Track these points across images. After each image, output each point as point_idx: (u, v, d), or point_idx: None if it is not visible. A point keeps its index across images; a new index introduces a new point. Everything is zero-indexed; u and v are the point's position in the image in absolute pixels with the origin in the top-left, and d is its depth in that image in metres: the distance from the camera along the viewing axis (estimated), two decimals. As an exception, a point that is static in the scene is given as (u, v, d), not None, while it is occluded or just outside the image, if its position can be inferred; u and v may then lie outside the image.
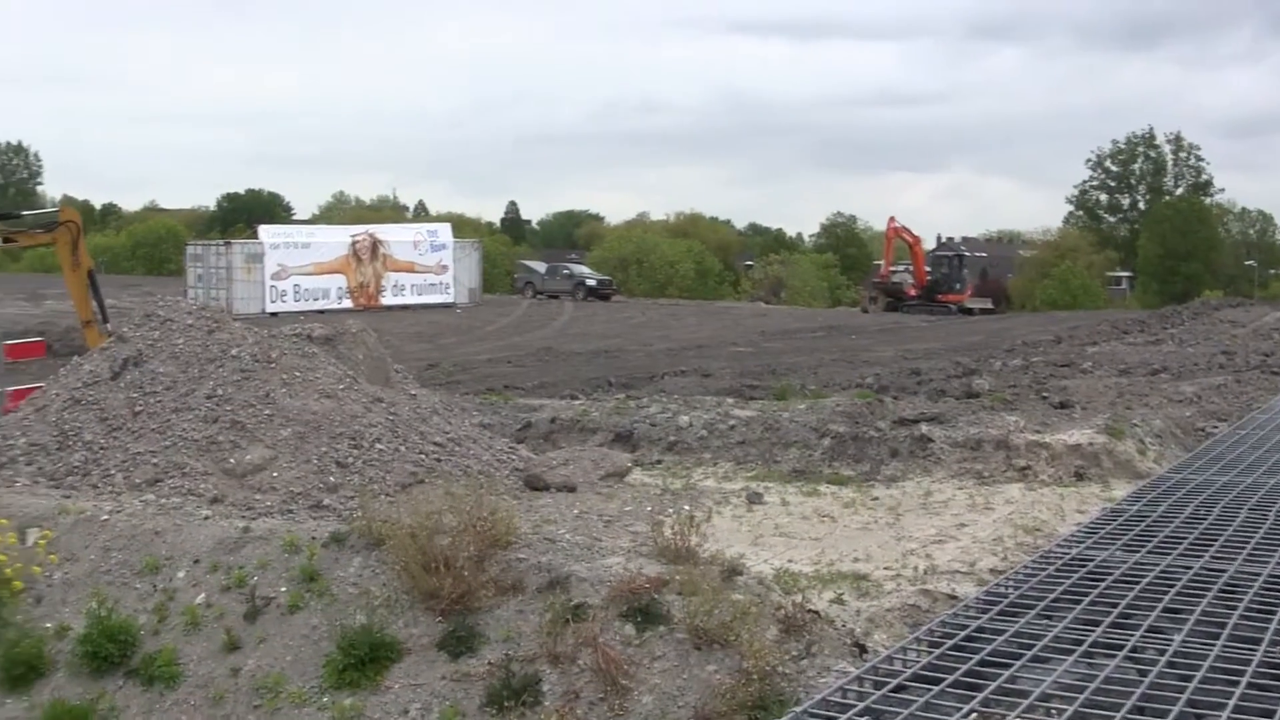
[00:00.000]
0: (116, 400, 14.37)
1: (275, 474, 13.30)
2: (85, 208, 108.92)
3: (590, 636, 9.27)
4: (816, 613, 9.44)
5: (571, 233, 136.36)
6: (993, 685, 8.02)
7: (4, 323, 24.67)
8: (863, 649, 9.07)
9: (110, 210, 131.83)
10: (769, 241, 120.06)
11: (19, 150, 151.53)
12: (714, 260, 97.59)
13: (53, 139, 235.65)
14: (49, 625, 11.09)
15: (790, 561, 11.75)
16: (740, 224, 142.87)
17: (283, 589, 10.66)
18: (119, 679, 10.45)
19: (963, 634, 8.90)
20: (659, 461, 17.27)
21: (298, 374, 14.95)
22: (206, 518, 11.93)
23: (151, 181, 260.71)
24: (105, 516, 12.03)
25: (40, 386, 16.56)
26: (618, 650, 9.12)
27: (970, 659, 8.45)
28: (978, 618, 9.23)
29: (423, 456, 14.34)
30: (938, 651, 8.59)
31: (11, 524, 11.94)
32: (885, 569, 11.51)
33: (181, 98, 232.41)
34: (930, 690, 7.90)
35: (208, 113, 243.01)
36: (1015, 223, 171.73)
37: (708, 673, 8.91)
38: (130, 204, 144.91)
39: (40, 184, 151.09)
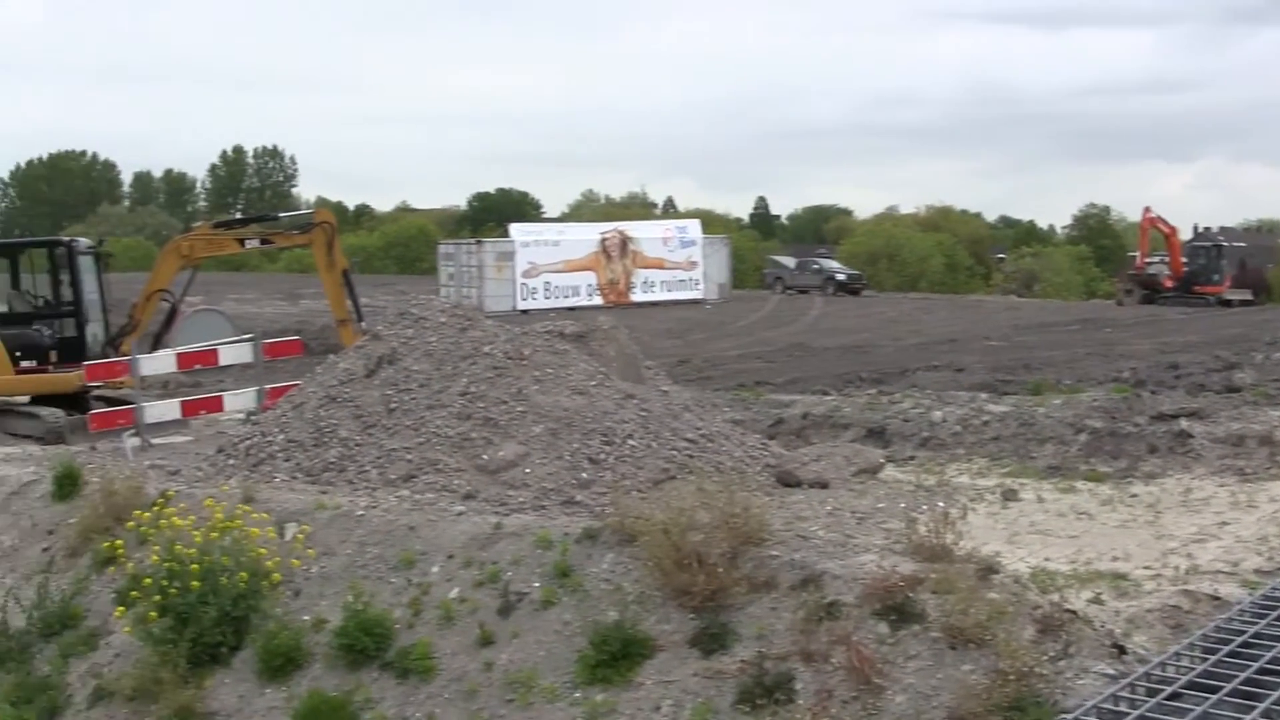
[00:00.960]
0: (371, 398, 15.66)
1: (528, 470, 14.33)
2: (339, 209, 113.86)
3: (844, 635, 9.83)
4: (1074, 612, 9.83)
5: (820, 227, 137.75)
6: (1275, 695, 8.36)
7: (262, 322, 26.60)
8: (1122, 650, 9.43)
9: (363, 211, 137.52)
10: (1020, 234, 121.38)
11: (274, 154, 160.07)
12: (964, 254, 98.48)
13: (307, 142, 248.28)
14: (306, 618, 12.18)
15: (1046, 560, 12.20)
16: (990, 216, 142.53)
17: (535, 584, 11.51)
18: (374, 671, 11.41)
19: (1238, 640, 9.24)
20: (912, 457, 17.84)
21: (550, 371, 15.97)
22: (460, 513, 12.92)
23: (403, 182, 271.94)
24: (361, 512, 13.18)
25: (297, 384, 18.01)
26: (871, 649, 9.66)
27: (1248, 666, 8.81)
28: (1254, 623, 9.55)
29: (674, 453, 15.15)
30: (1213, 658, 8.97)
31: (271, 519, 13.12)
32: (1144, 568, 11.85)
33: (433, 100, 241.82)
34: (1207, 699, 8.31)
35: (458, 114, 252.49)
36: (1275, 211, 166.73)
37: (962, 672, 9.38)
38: (382, 205, 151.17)
39: (295, 186, 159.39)
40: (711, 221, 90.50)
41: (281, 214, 34.90)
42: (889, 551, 11.01)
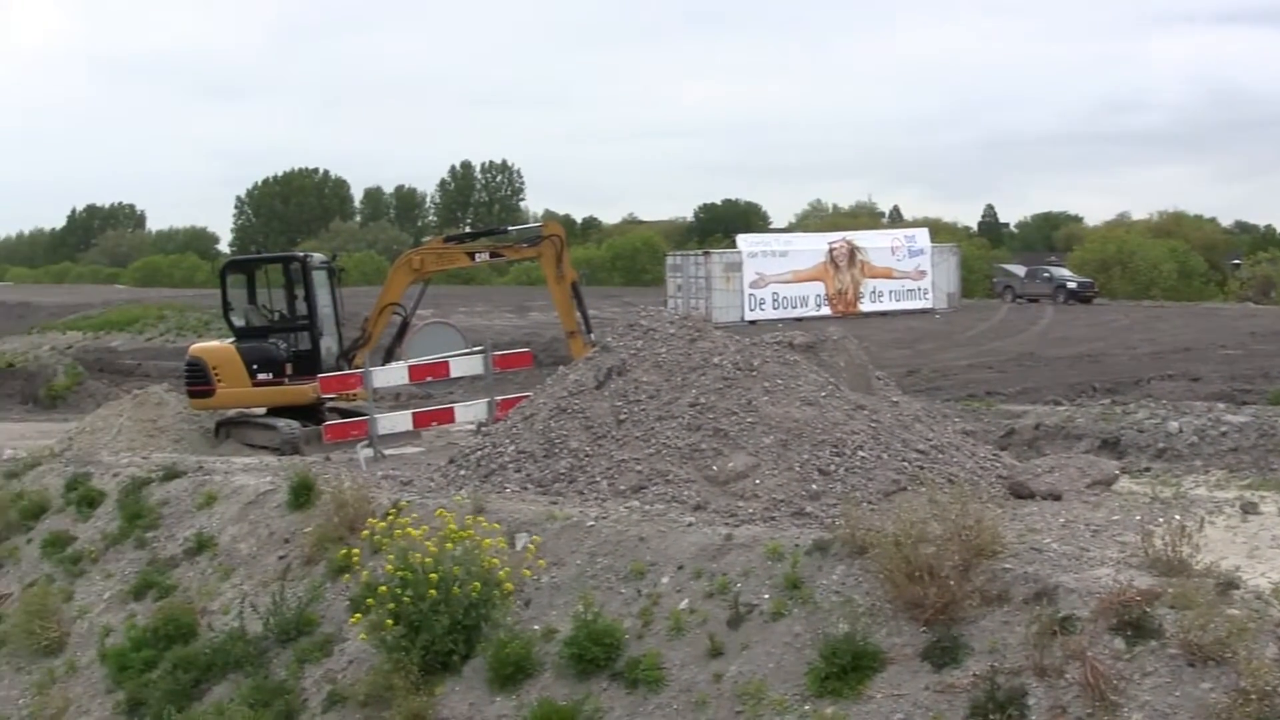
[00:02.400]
0: (601, 409, 15.92)
1: (757, 481, 14.44)
2: (567, 222, 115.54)
3: (1079, 650, 9.66)
4: (1319, 631, 9.54)
5: (1050, 235, 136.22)
6: None
7: (491, 334, 27.13)
8: (1369, 671, 9.13)
9: (591, 224, 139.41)
10: (1257, 239, 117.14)
11: (503, 168, 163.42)
12: (1198, 260, 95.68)
13: (535, 156, 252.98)
14: (537, 627, 12.42)
15: (1288, 576, 11.84)
16: (1225, 221, 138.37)
17: (765, 596, 11.54)
18: (604, 681, 11.54)
19: None
20: (1147, 469, 17.51)
21: (779, 381, 16.06)
22: (690, 524, 13.03)
23: (630, 195, 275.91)
24: (591, 522, 13.40)
25: (527, 396, 18.40)
26: (1107, 665, 9.48)
27: None
28: None
29: (905, 464, 15.13)
30: None
31: (502, 529, 13.44)
32: (1392, 584, 11.42)
33: (661, 112, 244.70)
34: None
35: (685, 126, 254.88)
36: None
37: (1201, 691, 9.14)
38: (610, 217, 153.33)
39: (523, 200, 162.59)
40: (939, 230, 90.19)
41: (511, 228, 35.48)
42: (1125, 565, 10.81)
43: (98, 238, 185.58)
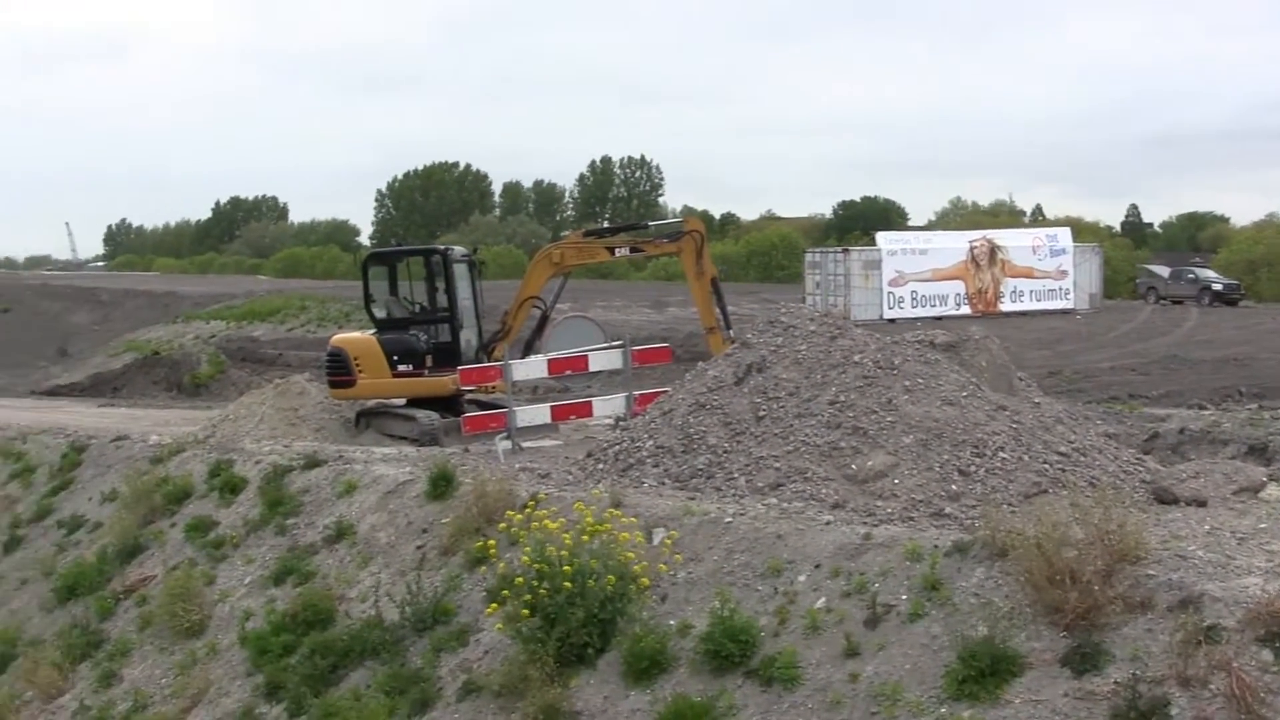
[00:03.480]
0: (740, 405, 15.94)
1: (896, 481, 14.38)
2: (705, 217, 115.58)
3: (1224, 660, 9.48)
4: None
5: (1194, 235, 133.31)
6: None
7: (629, 329, 27.25)
8: None
9: (729, 220, 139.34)
10: None
11: (641, 163, 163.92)
12: None
13: (674, 152, 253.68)
14: (672, 622, 12.46)
15: None
16: None
17: (903, 597, 11.49)
18: (738, 678, 11.56)
19: None
20: (1295, 476, 17.09)
21: (920, 380, 15.97)
22: (828, 523, 13.01)
23: (769, 191, 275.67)
24: (728, 519, 13.43)
25: (665, 391, 18.46)
26: (1253, 676, 9.30)
27: None
28: None
29: (1046, 466, 14.96)
30: None
31: (639, 523, 13.54)
32: None
33: (801, 108, 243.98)
34: None
35: (825, 123, 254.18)
36: None
37: (1354, 707, 9.00)
38: (748, 213, 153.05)
39: (661, 195, 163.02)
40: (1081, 229, 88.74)
41: (650, 223, 35.59)
42: (1273, 574, 10.59)
43: (241, 229, 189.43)
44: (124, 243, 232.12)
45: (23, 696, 18.06)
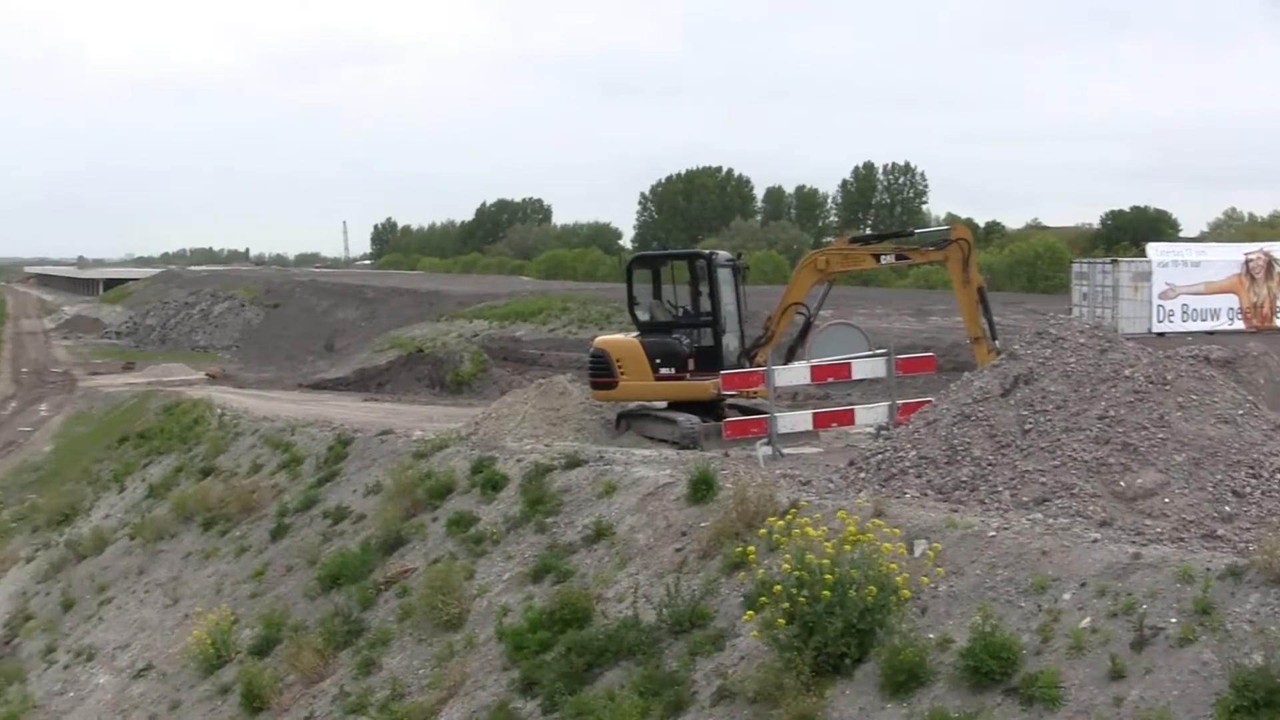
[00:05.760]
0: (1006, 418, 15.77)
1: (1166, 500, 14.06)
2: (969, 225, 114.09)
3: None
4: None
5: None
6: None
7: (890, 337, 27.07)
8: None
9: (994, 228, 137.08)
10: None
11: (905, 170, 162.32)
12: None
13: (938, 158, 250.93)
14: (931, 636, 12.40)
15: None
16: None
17: (1172, 620, 11.23)
18: (998, 695, 11.43)
19: None
20: None
21: (1194, 397, 15.57)
22: (1095, 540, 12.81)
23: (1036, 199, 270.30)
24: (992, 533, 13.32)
25: (929, 401, 18.35)
26: None
27: None
28: None
29: (1329, 489, 14.46)
30: None
31: (900, 534, 13.49)
32: None
33: (1071, 115, 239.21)
34: None
35: (1096, 130, 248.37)
36: None
37: None
38: (1013, 222, 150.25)
39: (925, 203, 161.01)
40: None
41: (916, 230, 35.29)
42: None
43: (505, 231, 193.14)
44: (391, 242, 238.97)
45: (285, 679, 18.82)
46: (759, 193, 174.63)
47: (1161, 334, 49.80)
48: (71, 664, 25.15)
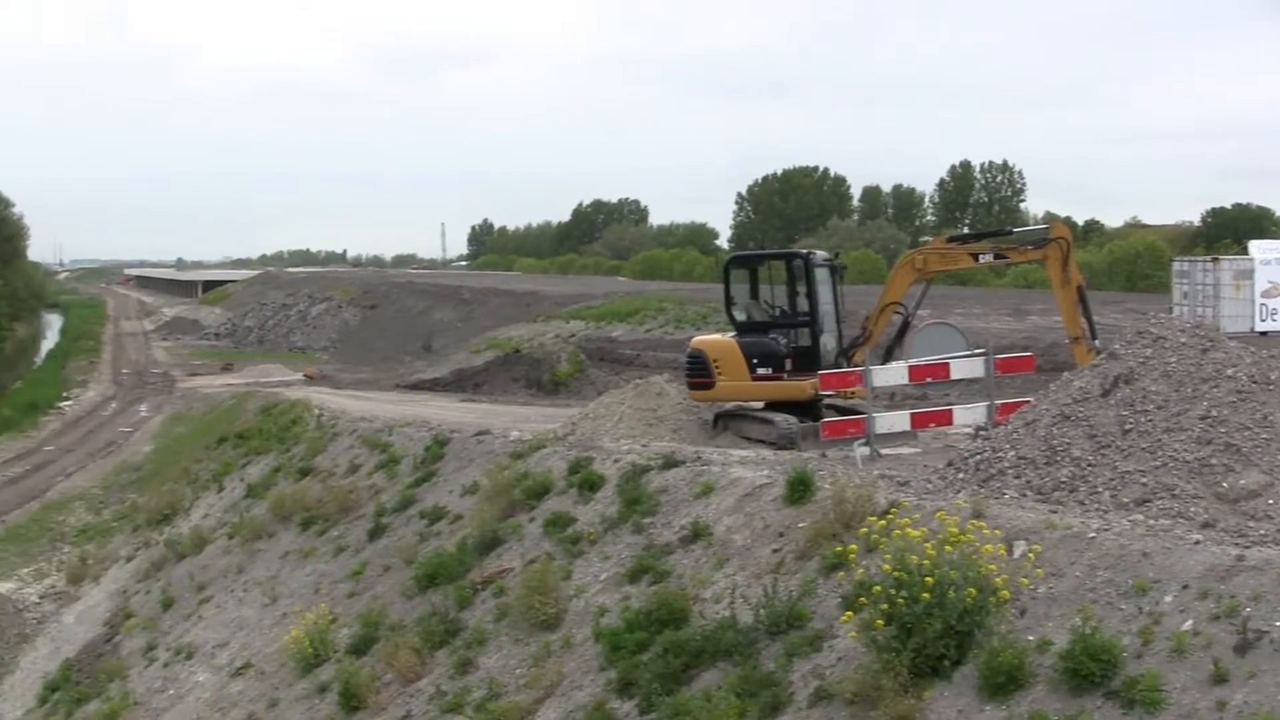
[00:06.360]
0: (1106, 418, 15.67)
1: (1270, 501, 13.92)
2: (1068, 223, 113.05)
3: None
4: None
5: None
6: None
7: (988, 337, 26.87)
8: None
9: (1092, 226, 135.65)
10: None
11: (1003, 169, 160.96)
12: None
13: (1036, 157, 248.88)
14: (1031, 638, 12.33)
15: None
16: None
17: (1277, 623, 11.09)
18: (1098, 699, 11.36)
19: None
20: None
21: (1298, 397, 15.42)
22: (1197, 542, 12.71)
23: (1135, 197, 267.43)
24: (1092, 534, 13.24)
25: (1028, 401, 18.26)
26: None
27: None
28: None
29: None
30: None
31: (1000, 535, 13.43)
32: None
33: (1171, 113, 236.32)
34: None
35: (1196, 127, 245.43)
36: None
37: None
38: (1112, 220, 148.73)
39: (1023, 201, 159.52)
40: None
41: (1014, 229, 35.06)
42: None
43: (601, 231, 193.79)
44: (487, 243, 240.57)
45: (382, 678, 19.04)
46: (855, 192, 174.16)
47: (1264, 333, 49.13)
48: (171, 661, 25.56)
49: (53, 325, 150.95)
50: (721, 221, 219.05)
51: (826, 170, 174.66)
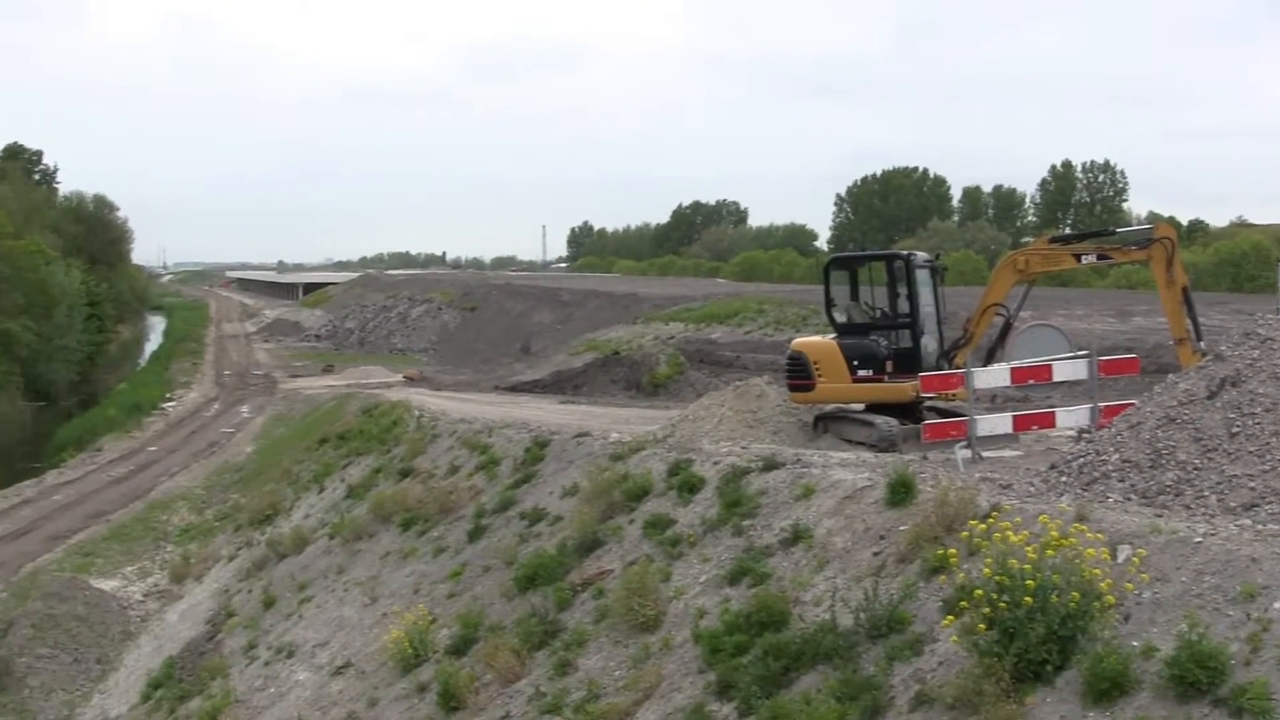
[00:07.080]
0: (1212, 420, 15.46)
1: (1385, 507, 13.69)
2: (1172, 224, 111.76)
3: None
4: None
5: None
6: None
7: (1091, 338, 26.64)
8: None
9: (1197, 226, 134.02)
10: None
11: (1105, 168, 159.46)
12: None
13: (1139, 156, 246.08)
14: (1135, 644, 12.16)
15: None
16: None
17: (1388, 631, 11.05)
18: (1205, 706, 11.20)
19: None
20: None
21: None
22: (1306, 548, 12.57)
23: (1240, 197, 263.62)
24: (1198, 539, 13.06)
25: (1132, 403, 18.06)
26: None
27: None
28: None
29: None
30: None
31: (1103, 539, 13.29)
32: None
33: (1272, 111, 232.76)
34: None
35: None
36: None
37: None
38: (1217, 220, 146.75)
39: (1125, 201, 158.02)
40: None
41: (1117, 229, 34.71)
42: None
43: (700, 233, 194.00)
44: (586, 245, 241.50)
45: (482, 679, 19.16)
46: (956, 193, 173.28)
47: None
48: (272, 660, 25.89)
49: (156, 327, 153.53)
50: (821, 223, 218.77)
51: (926, 171, 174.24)
